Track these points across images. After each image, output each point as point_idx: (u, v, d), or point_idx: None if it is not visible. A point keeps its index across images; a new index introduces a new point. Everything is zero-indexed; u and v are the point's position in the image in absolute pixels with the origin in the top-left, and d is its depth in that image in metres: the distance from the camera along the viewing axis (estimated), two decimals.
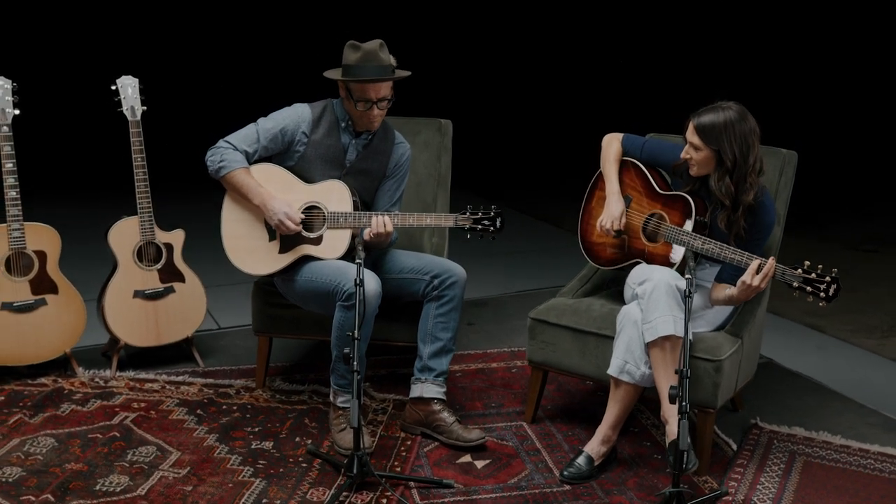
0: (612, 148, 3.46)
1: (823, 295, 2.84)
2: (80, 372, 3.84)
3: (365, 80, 3.27)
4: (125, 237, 3.80)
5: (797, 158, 3.48)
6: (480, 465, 3.22)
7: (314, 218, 3.37)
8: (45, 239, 3.70)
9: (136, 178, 3.75)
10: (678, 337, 2.99)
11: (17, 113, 3.60)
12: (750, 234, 3.14)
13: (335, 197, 3.37)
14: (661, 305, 3.02)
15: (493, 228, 3.31)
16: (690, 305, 2.89)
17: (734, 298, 3.08)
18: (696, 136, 3.07)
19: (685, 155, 3.15)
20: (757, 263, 2.94)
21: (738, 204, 3.09)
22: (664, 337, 3.00)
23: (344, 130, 3.44)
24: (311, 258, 3.37)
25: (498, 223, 3.31)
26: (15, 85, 3.61)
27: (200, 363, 4.01)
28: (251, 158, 3.39)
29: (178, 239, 3.90)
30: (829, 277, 2.84)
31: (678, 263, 3.17)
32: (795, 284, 2.90)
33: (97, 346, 4.06)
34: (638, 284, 3.14)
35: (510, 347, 4.32)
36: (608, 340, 3.23)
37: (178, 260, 3.90)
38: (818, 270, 2.87)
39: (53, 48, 10.05)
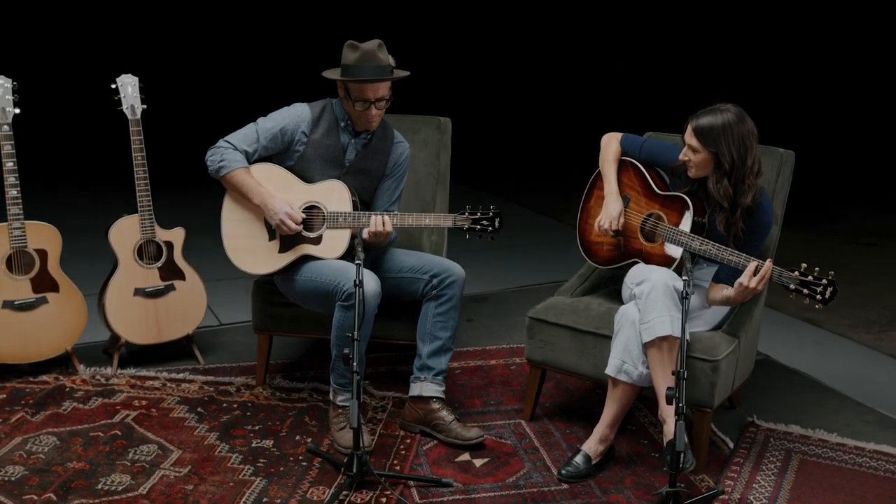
0: (610, 147, 3.46)
1: (820, 297, 2.86)
2: (81, 369, 3.87)
3: (363, 80, 3.28)
4: (126, 235, 3.81)
5: (794, 158, 3.48)
6: (479, 463, 3.24)
7: (314, 218, 3.39)
8: (45, 237, 3.71)
9: (136, 176, 3.77)
10: (675, 337, 3.00)
11: (17, 112, 3.60)
12: (748, 235, 3.15)
13: (335, 197, 3.38)
14: (658, 306, 3.04)
15: (491, 229, 3.31)
16: (687, 307, 2.90)
17: (731, 299, 3.10)
18: (694, 138, 3.08)
19: (684, 157, 3.16)
20: (754, 265, 2.95)
21: (736, 206, 3.10)
22: (662, 337, 3.02)
23: (343, 130, 3.45)
24: (310, 258, 3.38)
25: (497, 223, 3.31)
26: (15, 84, 3.61)
27: (201, 360, 4.03)
28: (251, 158, 3.40)
29: (178, 237, 3.91)
30: (825, 280, 2.85)
31: (677, 261, 3.18)
32: (792, 287, 2.91)
33: (98, 342, 4.09)
34: (636, 285, 3.15)
35: (509, 344, 4.33)
36: (606, 340, 3.25)
37: (178, 258, 3.91)
38: (815, 273, 2.88)
39: (53, 47, 10.05)
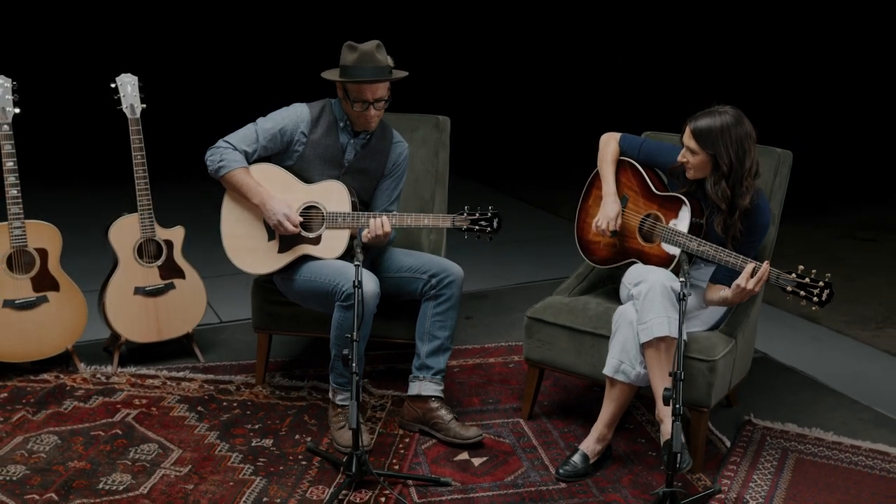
0: (609, 148, 3.47)
1: (816, 300, 2.87)
2: (81, 368, 3.88)
3: (361, 81, 3.28)
4: (126, 234, 3.83)
5: (792, 158, 3.50)
6: (477, 462, 3.26)
7: (313, 218, 3.40)
8: (46, 237, 3.73)
9: (135, 175, 3.77)
10: (673, 338, 3.02)
11: (17, 111, 3.61)
12: (745, 236, 3.16)
13: (334, 197, 3.40)
14: (656, 306, 3.05)
15: (490, 229, 3.32)
16: (684, 308, 2.92)
17: (728, 300, 3.11)
18: (692, 140, 3.09)
19: (682, 158, 3.16)
20: (751, 267, 2.96)
21: (734, 208, 3.11)
22: (659, 338, 3.04)
23: (342, 130, 3.46)
24: (310, 258, 3.40)
25: (495, 224, 3.32)
26: (15, 84, 3.62)
27: (201, 358, 4.04)
28: (250, 158, 3.41)
29: (177, 236, 3.92)
30: (822, 282, 2.87)
31: (676, 258, 3.19)
32: (789, 289, 2.92)
33: (99, 340, 4.10)
34: (634, 285, 3.16)
35: (507, 342, 4.35)
36: (604, 340, 3.26)
37: (178, 256, 3.92)
38: (812, 275, 2.90)
39: (53, 47, 10.03)
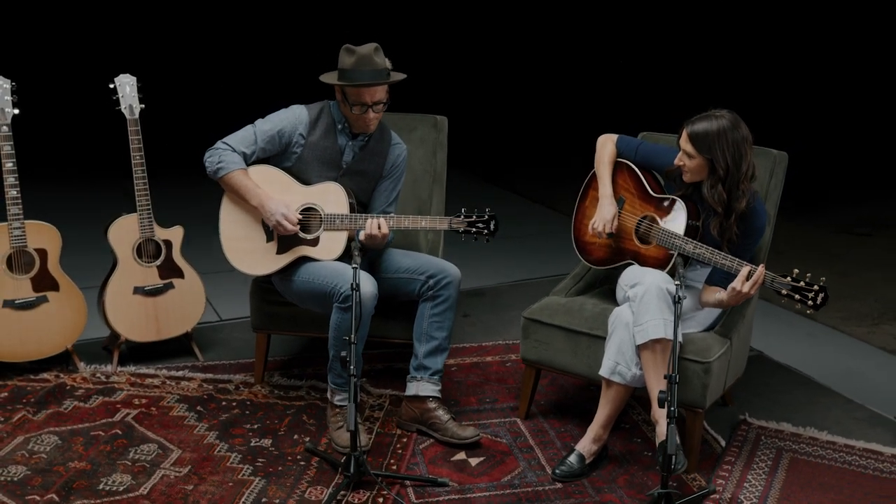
0: (606, 149, 3.48)
1: (811, 303, 2.89)
2: (81, 367, 3.90)
3: (359, 84, 3.30)
4: (125, 234, 3.84)
5: (787, 159, 3.51)
6: (475, 462, 3.29)
7: (311, 219, 3.41)
8: (45, 237, 3.74)
9: (134, 175, 3.79)
10: (668, 340, 3.04)
11: (16, 112, 3.62)
12: (741, 239, 3.18)
13: (332, 199, 3.41)
14: (651, 309, 3.07)
15: (487, 231, 3.34)
16: (680, 311, 2.94)
17: (724, 303, 3.13)
18: (689, 143, 3.10)
19: (678, 162, 3.18)
20: (747, 270, 2.98)
21: (730, 211, 3.13)
22: (655, 340, 3.06)
23: (341, 132, 3.47)
24: (308, 259, 3.41)
25: (492, 226, 3.34)
26: (14, 84, 3.63)
27: (200, 357, 4.06)
28: (249, 160, 3.42)
29: (176, 235, 3.94)
30: (817, 286, 2.89)
31: (671, 262, 3.21)
32: (784, 292, 2.94)
33: (98, 339, 4.12)
34: (630, 287, 3.19)
35: (505, 340, 4.37)
36: (600, 341, 3.29)
37: (177, 256, 3.94)
38: (807, 279, 2.92)
39: (52, 47, 10.03)
